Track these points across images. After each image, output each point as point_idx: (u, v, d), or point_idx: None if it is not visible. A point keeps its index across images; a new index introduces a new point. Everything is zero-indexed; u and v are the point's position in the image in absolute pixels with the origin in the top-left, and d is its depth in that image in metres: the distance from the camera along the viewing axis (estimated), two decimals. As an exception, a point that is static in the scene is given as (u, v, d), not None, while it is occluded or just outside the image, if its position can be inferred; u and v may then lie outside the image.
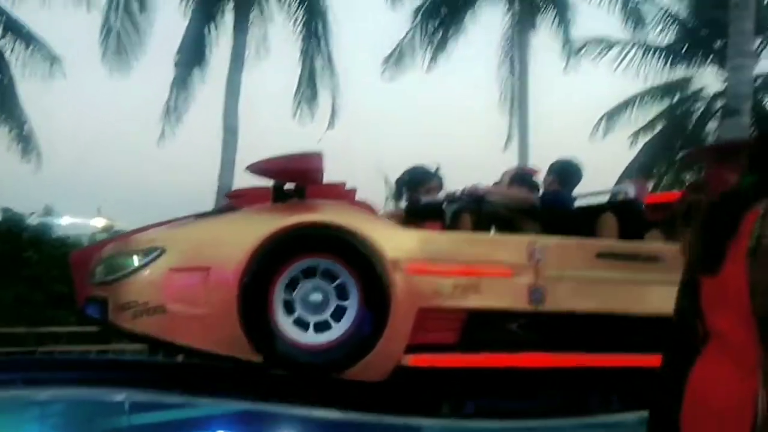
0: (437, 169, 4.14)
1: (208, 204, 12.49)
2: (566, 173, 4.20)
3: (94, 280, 3.38)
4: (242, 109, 13.14)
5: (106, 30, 13.05)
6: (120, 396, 3.20)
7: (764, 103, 14.82)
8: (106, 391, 3.31)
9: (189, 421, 3.25)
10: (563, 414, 3.68)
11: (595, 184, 4.98)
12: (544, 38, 15.24)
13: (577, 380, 3.74)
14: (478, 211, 4.08)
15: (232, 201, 4.10)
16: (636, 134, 16.16)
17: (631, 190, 4.29)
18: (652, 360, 3.67)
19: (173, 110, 13.79)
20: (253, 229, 3.25)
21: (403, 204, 4.26)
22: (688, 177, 15.00)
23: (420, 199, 4.20)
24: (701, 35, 14.89)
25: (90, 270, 3.45)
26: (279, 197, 3.47)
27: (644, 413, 3.69)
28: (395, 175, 4.36)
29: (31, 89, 13.91)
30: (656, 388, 1.45)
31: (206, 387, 3.56)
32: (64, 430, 3.16)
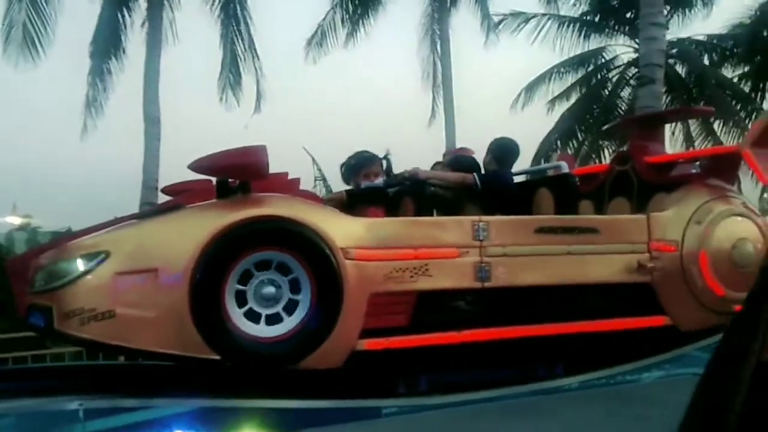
0: (386, 155, 4.19)
1: (134, 197, 12.16)
2: (503, 152, 4.33)
3: (35, 288, 3.28)
4: (165, 98, 12.76)
5: (9, 21, 12.36)
6: (73, 404, 3.15)
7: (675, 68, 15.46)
8: (58, 400, 3.25)
9: (146, 423, 3.23)
10: (512, 383, 3.85)
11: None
12: (463, 15, 15.41)
13: (524, 350, 3.90)
14: (420, 195, 4.17)
15: (173, 197, 4.02)
16: (552, 102, 16.64)
17: (564, 166, 4.46)
18: (592, 326, 3.92)
19: (92, 102, 13.24)
20: (201, 226, 3.23)
21: (347, 188, 4.30)
22: (606, 144, 15.62)
23: (360, 185, 4.25)
24: (613, 6, 15.42)
25: (29, 278, 3.34)
26: (223, 192, 3.44)
27: (586, 377, 3.93)
28: (322, 157, 4.40)
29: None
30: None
31: (161, 388, 3.52)
32: (17, 443, 3.09)
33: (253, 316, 3.27)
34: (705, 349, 4.21)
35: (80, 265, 3.16)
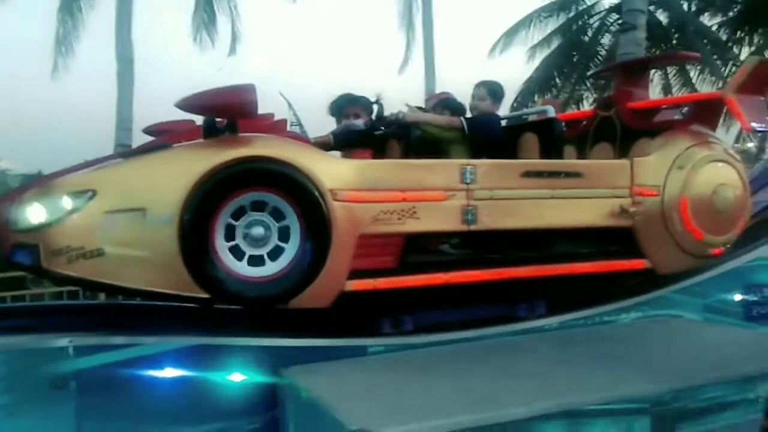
0: (378, 99, 4.17)
1: (108, 139, 11.96)
2: (497, 92, 4.31)
3: (19, 226, 3.24)
4: (138, 38, 12.43)
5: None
6: (63, 341, 3.17)
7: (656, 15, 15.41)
8: (48, 337, 3.26)
9: (135, 360, 3.26)
10: (494, 323, 3.95)
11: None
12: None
13: (508, 292, 3.99)
14: (407, 137, 4.17)
15: (155, 138, 3.97)
16: (533, 49, 16.56)
17: (550, 110, 4.47)
18: (574, 269, 4.02)
19: (62, 40, 12.86)
20: (189, 166, 3.19)
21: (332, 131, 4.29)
22: (586, 93, 15.65)
23: (345, 125, 4.25)
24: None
25: (11, 216, 3.29)
26: (210, 132, 3.41)
27: (566, 317, 4.05)
28: (298, 102, 4.38)
29: None
30: None
31: (151, 325, 3.55)
32: (7, 380, 3.10)
33: (242, 256, 3.28)
34: (682, 291, 4.36)
35: (67, 203, 3.11)
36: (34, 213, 3.18)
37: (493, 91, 4.24)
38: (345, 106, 4.35)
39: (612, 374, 3.27)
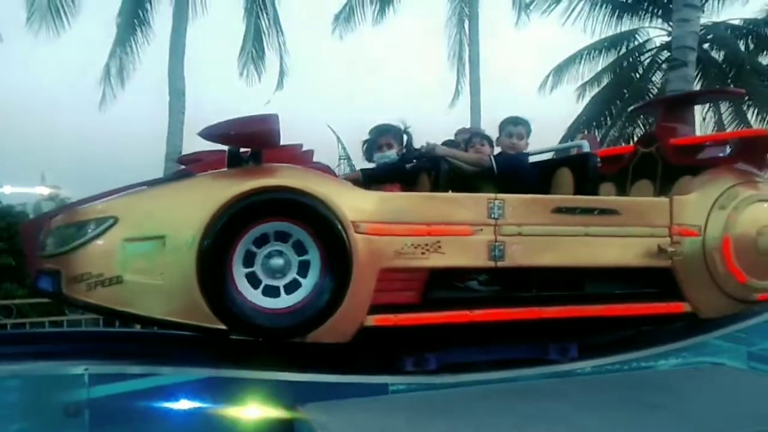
0: (406, 128, 4.12)
1: (157, 168, 12.22)
2: (528, 133, 4.21)
3: (44, 252, 3.27)
4: (188, 71, 12.77)
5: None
6: (79, 368, 3.16)
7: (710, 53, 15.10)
8: (64, 364, 3.25)
9: (152, 391, 3.22)
10: (523, 365, 3.78)
11: (544, 139, 5.03)
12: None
13: (537, 332, 3.83)
14: (436, 171, 4.09)
15: (185, 166, 3.99)
16: (583, 87, 16.38)
17: (585, 145, 4.35)
18: (608, 310, 3.84)
19: (117, 73, 13.32)
20: (210, 195, 3.18)
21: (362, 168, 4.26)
22: (636, 130, 15.34)
23: (378, 157, 4.19)
24: (647, -13, 15.06)
25: (40, 242, 3.33)
26: (234, 162, 3.40)
27: (600, 361, 3.86)
28: (346, 134, 4.36)
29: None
30: None
31: (168, 355, 3.52)
32: (22, 405, 3.11)
33: (256, 283, 3.24)
34: (725, 337, 4.12)
35: (89, 229, 3.13)
36: (57, 239, 3.21)
37: (528, 130, 4.16)
38: (377, 137, 4.31)
39: (647, 424, 3.09)
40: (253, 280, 3.23)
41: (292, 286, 3.28)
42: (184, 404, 3.25)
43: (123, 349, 4.07)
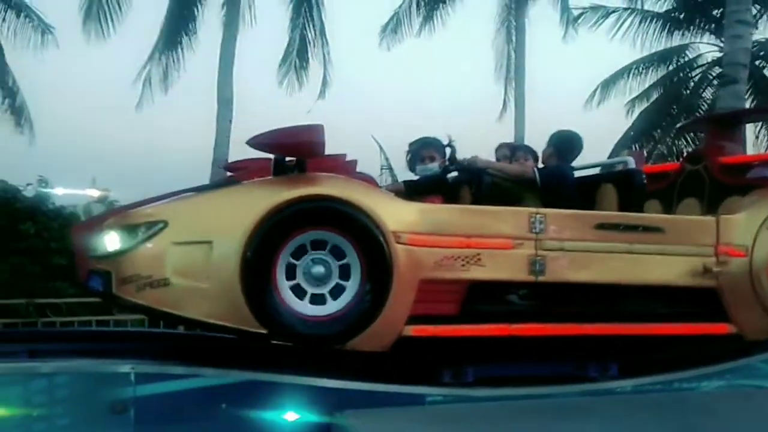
0: (450, 142, 4.14)
1: (204, 175, 12.46)
2: (565, 145, 4.21)
3: (96, 253, 3.38)
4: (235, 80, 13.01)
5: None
6: (126, 367, 3.25)
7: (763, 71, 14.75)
8: (111, 362, 3.35)
9: (194, 392, 3.30)
10: (562, 381, 3.76)
11: (590, 154, 4.98)
12: (541, 6, 15.12)
13: (577, 349, 3.80)
14: (478, 184, 4.10)
15: (231, 174, 4.09)
16: (632, 103, 16.13)
17: (630, 161, 4.30)
18: (651, 329, 3.78)
19: (163, 80, 13.66)
20: (256, 202, 3.25)
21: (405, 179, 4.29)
22: (685, 146, 15.04)
23: (421, 169, 4.21)
24: (698, 2, 14.79)
25: (92, 243, 3.45)
26: (280, 170, 3.47)
27: (641, 380, 3.80)
28: (389, 146, 4.40)
29: (22, 60, 13.75)
30: None
31: (211, 358, 3.59)
32: (69, 402, 3.19)
33: (302, 294, 3.29)
34: (770, 360, 4.02)
35: (139, 232, 3.23)
36: (109, 241, 3.32)
37: (560, 144, 4.13)
38: (419, 149, 4.33)
39: (686, 446, 3.03)
40: (295, 287, 3.29)
41: (333, 295, 3.32)
42: (224, 406, 3.32)
43: (166, 349, 4.17)
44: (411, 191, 4.20)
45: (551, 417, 3.39)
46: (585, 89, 15.88)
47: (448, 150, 4.16)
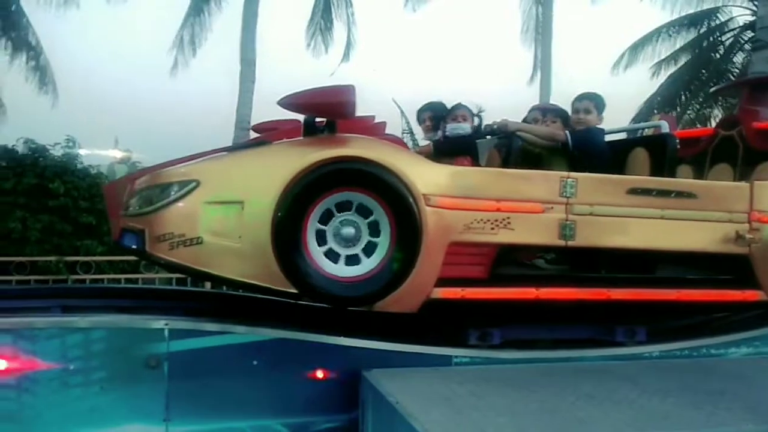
0: (479, 112, 4.10)
1: (227, 137, 12.49)
2: (602, 105, 4.12)
3: (129, 211, 3.42)
4: (258, 41, 12.94)
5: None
6: (160, 323, 3.32)
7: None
8: (146, 318, 3.42)
9: (226, 348, 3.37)
10: (588, 346, 3.77)
11: (614, 119, 4.89)
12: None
13: (604, 313, 3.80)
14: (508, 147, 4.07)
15: (261, 134, 4.09)
16: (658, 65, 15.81)
17: (664, 125, 4.24)
18: (679, 295, 3.76)
19: (189, 41, 13.62)
20: (286, 163, 3.26)
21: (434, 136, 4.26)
22: (713, 112, 14.76)
23: (452, 127, 4.18)
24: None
25: (124, 202, 3.49)
26: (310, 131, 3.47)
27: (668, 346, 3.80)
28: (410, 108, 4.38)
29: (44, 19, 13.78)
30: None
31: (242, 316, 3.65)
32: (105, 355, 3.28)
33: (332, 255, 3.32)
34: (800, 329, 4.00)
35: (172, 191, 3.26)
36: (142, 200, 3.35)
37: (598, 104, 4.05)
38: (452, 110, 4.30)
39: (712, 411, 3.03)
40: (325, 248, 3.31)
41: (362, 256, 3.34)
42: (255, 362, 3.39)
43: (197, 307, 4.24)
44: (439, 153, 4.18)
45: (577, 379, 3.40)
46: (614, 54, 15.57)
47: (476, 120, 4.13)
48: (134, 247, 3.38)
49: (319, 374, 3.45)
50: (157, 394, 3.25)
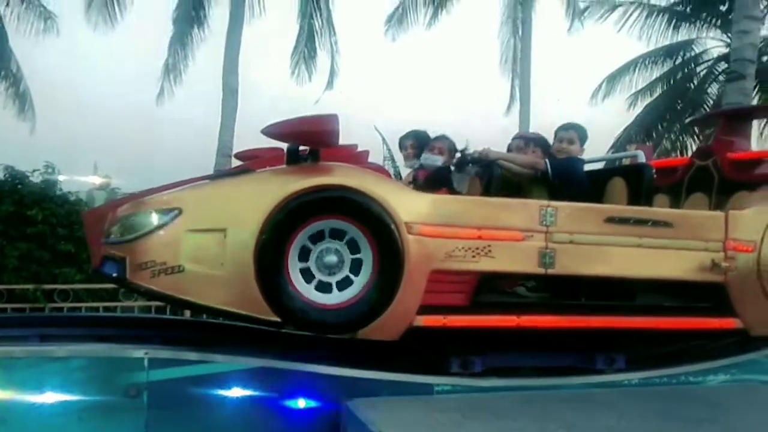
0: (464, 148, 4.16)
1: (208, 163, 12.47)
2: (584, 136, 4.20)
3: (110, 239, 3.41)
4: (241, 69, 12.98)
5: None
6: (139, 352, 3.29)
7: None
8: (125, 347, 3.39)
9: (206, 377, 3.35)
10: (569, 373, 3.79)
11: (593, 148, 4.98)
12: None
13: (585, 341, 3.83)
14: (488, 175, 4.12)
15: (244, 162, 4.12)
16: (635, 96, 16.11)
17: (640, 155, 4.32)
18: (658, 323, 3.81)
19: (172, 68, 13.64)
20: (269, 191, 3.28)
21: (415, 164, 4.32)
22: (688, 141, 15.03)
23: (425, 158, 4.23)
24: (706, -3, 14.76)
25: (105, 229, 3.48)
26: (293, 159, 3.49)
27: (648, 373, 3.84)
28: (391, 135, 4.45)
29: (25, 46, 13.78)
30: None
31: (223, 344, 3.63)
32: (83, 385, 3.24)
33: (313, 282, 3.32)
34: (776, 356, 4.05)
35: (154, 219, 3.26)
36: (124, 227, 3.34)
37: (581, 135, 4.14)
38: (432, 140, 4.36)
39: (692, 438, 3.07)
40: (307, 276, 3.32)
41: (344, 284, 3.35)
42: (235, 392, 3.37)
43: (177, 335, 4.20)
44: (415, 182, 4.22)
45: (558, 407, 3.41)
46: (591, 84, 15.86)
47: (457, 155, 4.19)
48: (115, 275, 3.37)
49: (301, 403, 3.42)
50: (136, 424, 3.20)
